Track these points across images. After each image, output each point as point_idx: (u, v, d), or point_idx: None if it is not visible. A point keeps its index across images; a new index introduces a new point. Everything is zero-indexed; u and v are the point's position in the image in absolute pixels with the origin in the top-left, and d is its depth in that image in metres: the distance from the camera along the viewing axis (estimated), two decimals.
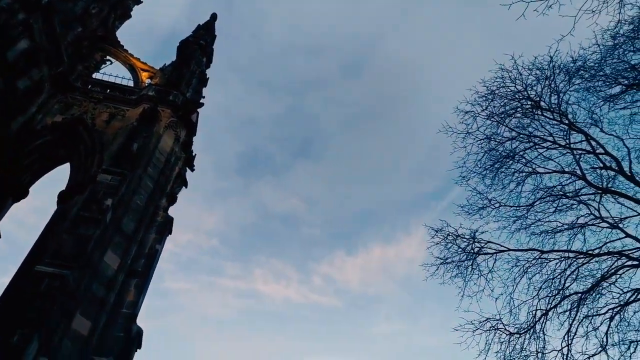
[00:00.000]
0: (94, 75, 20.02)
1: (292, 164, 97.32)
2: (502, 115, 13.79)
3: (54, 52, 18.24)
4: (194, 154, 19.62)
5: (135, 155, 15.80)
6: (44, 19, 18.09)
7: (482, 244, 13.07)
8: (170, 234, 16.69)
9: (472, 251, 13.08)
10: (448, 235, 13.56)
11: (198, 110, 19.52)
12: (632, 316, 11.05)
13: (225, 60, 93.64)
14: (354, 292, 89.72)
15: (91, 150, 16.47)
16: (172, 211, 17.39)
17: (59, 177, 18.75)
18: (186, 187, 18.77)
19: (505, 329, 11.96)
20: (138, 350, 13.48)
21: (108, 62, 20.83)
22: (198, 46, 21.96)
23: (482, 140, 14.06)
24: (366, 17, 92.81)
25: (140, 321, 14.20)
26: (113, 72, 20.50)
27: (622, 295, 11.20)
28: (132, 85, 20.12)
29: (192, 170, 19.57)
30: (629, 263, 11.21)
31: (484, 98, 14.06)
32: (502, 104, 13.91)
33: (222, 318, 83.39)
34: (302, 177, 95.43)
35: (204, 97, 21.02)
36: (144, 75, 20.77)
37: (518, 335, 11.82)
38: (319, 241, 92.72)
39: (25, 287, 11.83)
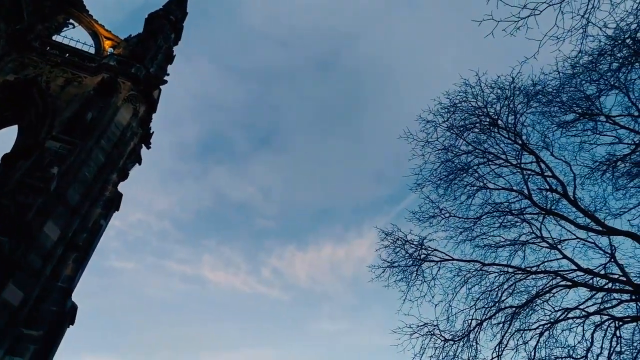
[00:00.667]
0: (54, 38, 19.11)
1: (252, 153, 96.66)
2: (461, 129, 14.14)
3: (12, 7, 17.26)
4: (151, 132, 19.10)
5: (88, 125, 15.23)
6: None
7: (429, 252, 13.40)
8: (118, 210, 16.22)
9: (419, 257, 13.39)
10: (397, 239, 13.83)
11: (161, 87, 18.97)
12: (559, 333, 11.62)
13: (197, 39, 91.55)
14: (302, 288, 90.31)
15: (42, 114, 15.75)
16: (122, 187, 16.91)
17: (4, 139, 17.86)
18: (140, 164, 18.29)
19: (441, 335, 12.33)
20: (70, 326, 13.03)
21: (70, 26, 19.91)
22: (167, 21, 21.33)
23: (440, 151, 14.38)
24: (343, 16, 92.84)
25: (77, 297, 13.74)
26: (75, 36, 19.64)
27: (553, 313, 11.77)
28: (94, 53, 19.35)
29: (149, 148, 19.06)
30: (563, 283, 11.78)
31: (446, 110, 14.37)
32: (462, 117, 14.26)
33: (165, 301, 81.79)
34: (261, 167, 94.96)
35: (168, 75, 20.51)
36: (107, 44, 20.01)
37: (452, 342, 12.21)
38: (272, 233, 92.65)
39: None
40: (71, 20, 20.03)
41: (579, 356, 10.95)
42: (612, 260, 11.61)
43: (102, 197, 15.56)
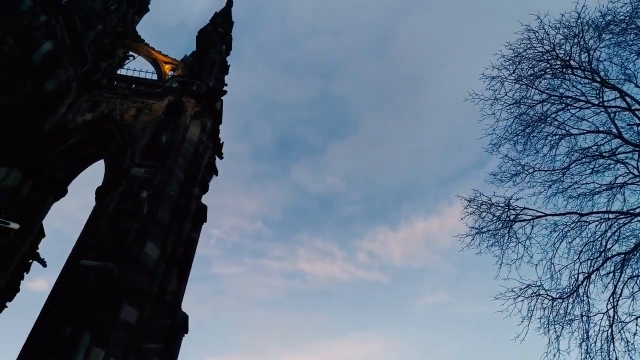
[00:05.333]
0: (118, 72, 20.34)
1: (326, 144, 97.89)
2: (531, 78, 13.40)
3: (77, 51, 18.58)
4: (221, 142, 19.84)
5: (164, 147, 16.08)
6: (65, 19, 18.40)
7: (518, 211, 12.85)
8: (205, 221, 17.01)
9: (508, 219, 12.89)
10: (482, 204, 13.38)
11: (222, 98, 19.62)
12: None
13: (252, 45, 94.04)
14: (399, 266, 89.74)
15: (122, 145, 16.82)
16: (206, 199, 17.70)
17: (96, 173, 19.28)
18: (216, 175, 19.05)
19: (548, 295, 11.81)
20: (185, 335, 13.90)
21: (131, 58, 21.12)
22: (217, 34, 21.99)
23: (511, 105, 13.72)
24: None
25: (189, 307, 14.62)
26: (137, 67, 20.78)
27: None
28: (156, 79, 20.38)
29: (221, 158, 19.82)
30: None
31: (511, 62, 13.68)
32: (530, 66, 13.51)
33: (269, 299, 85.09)
34: (337, 156, 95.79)
35: (226, 85, 21.14)
36: (167, 68, 20.98)
37: (561, 300, 11.67)
38: (360, 218, 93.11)
39: (73, 281, 12.31)
40: (131, 53, 21.22)
41: None
42: None
43: (189, 211, 16.40)
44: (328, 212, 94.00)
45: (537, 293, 11.82)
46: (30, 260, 16.71)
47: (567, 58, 12.93)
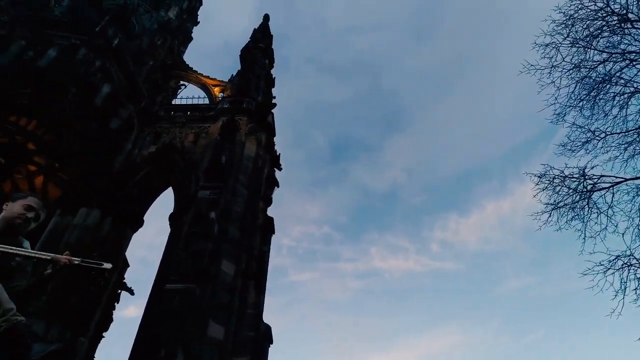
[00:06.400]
0: (173, 102, 21.31)
1: (382, 140, 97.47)
2: (588, 39, 12.61)
3: (133, 89, 19.66)
4: (278, 154, 20.23)
5: (225, 167, 16.61)
6: (118, 61, 19.53)
7: (595, 180, 12.09)
8: (274, 233, 17.39)
9: (585, 189, 12.17)
10: (554, 178, 12.71)
11: (272, 111, 20.03)
12: None
13: (295, 52, 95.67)
14: (475, 252, 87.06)
15: (186, 171, 17.57)
16: (272, 211, 18.11)
17: (166, 203, 20.23)
18: (278, 186, 19.43)
19: None
20: (271, 345, 14.27)
21: (182, 86, 22.09)
22: (258, 50, 22.50)
23: (570, 71, 12.95)
24: None
25: (270, 318, 15.00)
26: (189, 94, 21.69)
27: None
28: (208, 103, 21.15)
29: (280, 169, 20.19)
30: None
31: (563, 25, 12.92)
32: (584, 27, 12.71)
33: (348, 301, 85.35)
34: (395, 150, 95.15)
35: (274, 97, 21.56)
36: (216, 90, 21.71)
37: None
38: (428, 209, 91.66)
39: (160, 305, 12.99)
40: (181, 82, 22.17)
41: None
42: None
43: (257, 225, 16.85)
44: (394, 207, 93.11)
45: (629, 263, 11.06)
46: (119, 291, 17.82)
47: (624, 11, 12.07)
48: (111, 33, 19.97)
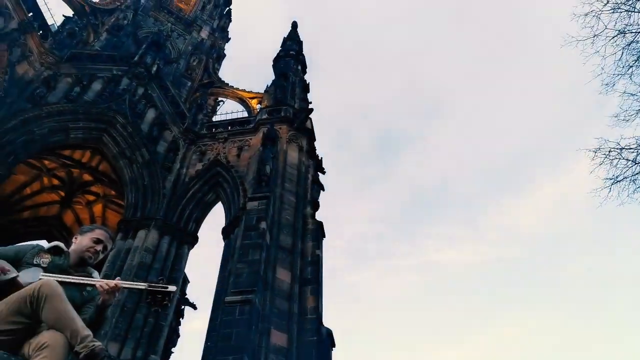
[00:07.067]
0: (213, 118, 21.90)
1: (426, 130, 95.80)
2: (630, 3, 11.99)
3: (176, 111, 20.36)
4: (320, 158, 20.34)
5: (270, 177, 16.88)
6: (158, 86, 20.29)
7: None
8: (325, 237, 17.46)
9: None
10: (610, 151, 12.13)
11: (310, 116, 20.19)
12: None
13: (330, 53, 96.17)
14: (535, 235, 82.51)
15: (233, 184, 17.98)
16: (321, 214, 18.18)
17: (217, 218, 20.74)
18: (323, 190, 19.49)
19: None
20: (334, 348, 14.34)
21: (221, 103, 22.68)
22: (290, 57, 22.75)
23: (615, 38, 12.32)
24: None
25: (330, 321, 15.08)
26: (228, 109, 22.24)
27: None
28: (247, 115, 21.58)
29: (324, 172, 20.28)
30: None
31: None
32: None
33: (407, 297, 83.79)
34: (441, 139, 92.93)
35: (310, 102, 21.70)
36: (254, 103, 22.14)
37: None
38: (480, 194, 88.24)
39: (223, 317, 13.34)
40: (220, 98, 22.75)
41: None
42: None
43: (307, 230, 17.00)
44: (446, 196, 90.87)
45: None
46: (183, 307, 18.45)
47: None
48: (149, 60, 20.81)
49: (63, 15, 21.25)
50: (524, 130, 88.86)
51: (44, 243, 3.67)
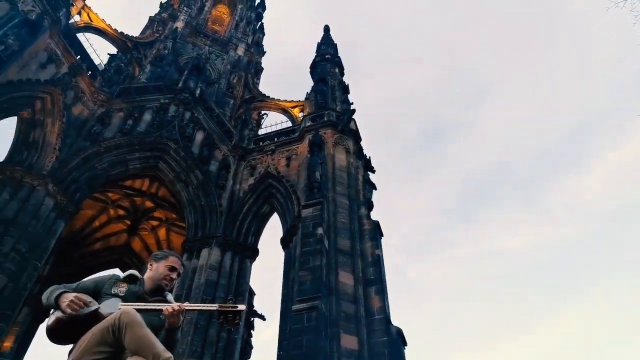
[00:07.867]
0: (259, 132, 22.36)
1: (474, 115, 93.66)
2: None
3: (223, 130, 20.95)
4: (368, 157, 20.28)
5: (321, 182, 17.02)
6: (204, 108, 20.96)
7: None
8: (382, 235, 17.36)
9: None
10: None
11: (353, 117, 20.19)
12: None
13: (367, 52, 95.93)
14: (605, 209, 77.42)
15: (286, 194, 18.26)
16: (376, 213, 18.13)
17: (274, 230, 21.12)
18: (375, 189, 19.41)
19: None
20: (406, 347, 14.20)
21: (265, 116, 23.11)
22: (326, 61, 22.89)
23: None
24: None
25: (399, 320, 14.94)
26: (272, 121, 22.64)
27: None
28: (291, 125, 21.87)
29: (373, 171, 20.19)
30: None
31: None
32: None
33: (477, 288, 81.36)
34: (490, 122, 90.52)
35: (352, 103, 21.68)
36: (296, 111, 22.42)
37: None
38: (539, 174, 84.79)
39: (291, 326, 13.54)
40: (263, 112, 23.21)
41: None
42: None
43: (364, 231, 16.98)
44: (503, 179, 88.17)
45: None
46: (252, 319, 18.88)
47: None
48: (192, 85, 21.57)
49: (108, 54, 22.35)
50: (575, 103, 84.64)
51: (118, 272, 3.90)
